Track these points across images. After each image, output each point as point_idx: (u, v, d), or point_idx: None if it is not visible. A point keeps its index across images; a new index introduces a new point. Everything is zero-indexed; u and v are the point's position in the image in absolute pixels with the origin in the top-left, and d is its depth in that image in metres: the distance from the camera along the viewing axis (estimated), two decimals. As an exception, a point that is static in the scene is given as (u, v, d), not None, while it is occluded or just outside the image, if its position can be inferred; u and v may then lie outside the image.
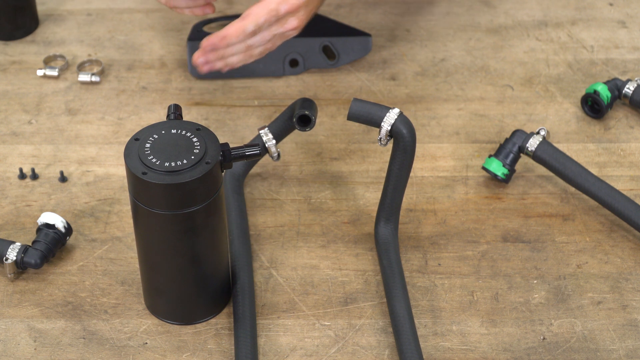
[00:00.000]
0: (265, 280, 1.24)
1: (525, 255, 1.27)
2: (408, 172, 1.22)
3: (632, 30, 1.57)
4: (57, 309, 1.21)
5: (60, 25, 1.58)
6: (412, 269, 1.25)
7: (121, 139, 1.41)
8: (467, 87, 1.48)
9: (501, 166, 1.32)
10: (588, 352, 1.17)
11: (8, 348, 1.17)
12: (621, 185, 1.34)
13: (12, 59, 1.53)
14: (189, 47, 1.47)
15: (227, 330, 1.19)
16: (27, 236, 1.28)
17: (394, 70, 1.50)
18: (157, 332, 1.19)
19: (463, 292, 1.23)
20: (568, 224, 1.30)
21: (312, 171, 1.37)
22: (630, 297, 1.22)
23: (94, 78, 1.48)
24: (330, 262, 1.26)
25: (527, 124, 1.42)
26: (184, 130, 1.12)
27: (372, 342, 1.18)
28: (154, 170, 1.08)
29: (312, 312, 1.21)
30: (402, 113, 1.18)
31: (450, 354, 1.17)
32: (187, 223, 1.11)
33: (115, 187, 1.34)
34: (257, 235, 1.29)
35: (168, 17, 1.59)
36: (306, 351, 1.17)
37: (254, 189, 1.34)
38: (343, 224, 1.30)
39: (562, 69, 1.51)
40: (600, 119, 1.43)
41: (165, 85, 1.48)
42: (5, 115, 1.44)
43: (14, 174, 1.36)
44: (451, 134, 1.41)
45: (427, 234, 1.29)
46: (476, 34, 1.57)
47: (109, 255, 1.27)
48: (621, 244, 1.28)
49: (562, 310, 1.21)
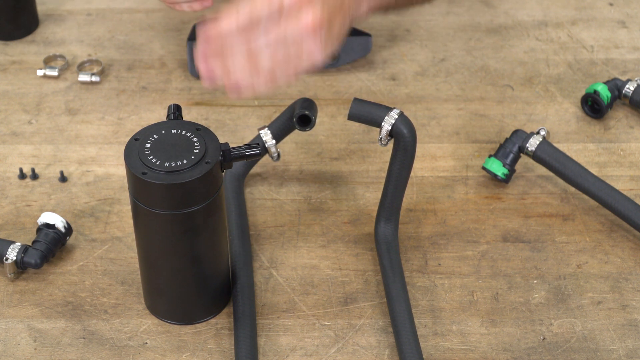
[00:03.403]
0: (265, 280, 1.24)
1: (525, 255, 1.27)
2: (408, 172, 1.22)
3: (632, 30, 1.57)
4: (57, 309, 1.21)
5: (60, 25, 1.58)
6: (412, 269, 1.25)
7: (121, 139, 1.41)
8: (467, 87, 1.48)
9: (501, 166, 1.32)
10: (588, 352, 1.17)
11: (8, 348, 1.17)
12: (621, 185, 1.34)
13: (12, 59, 1.53)
14: (189, 47, 1.47)
15: (227, 330, 1.19)
16: (27, 236, 1.28)
17: (394, 70, 1.50)
18: (157, 332, 1.19)
19: (463, 292, 1.23)
20: (568, 224, 1.30)
21: (312, 171, 1.37)
22: (630, 297, 1.22)
23: (94, 78, 1.48)
24: (330, 262, 1.26)
25: (527, 124, 1.42)
26: (184, 130, 1.12)
27: (372, 342, 1.18)
28: (154, 170, 1.08)
29: (312, 312, 1.21)
30: (402, 113, 1.18)
31: (450, 354, 1.17)
32: (187, 223, 1.11)
33: (115, 187, 1.34)
34: (257, 235, 1.29)
35: (168, 17, 1.59)
36: (306, 351, 1.17)
37: (254, 189, 1.34)
38: (343, 224, 1.30)
39: (562, 69, 1.51)
40: (600, 119, 1.43)
41: (165, 85, 1.48)
42: (5, 115, 1.44)
43: (14, 174, 1.36)
44: (451, 134, 1.41)
45: (427, 234, 1.29)
46: (476, 34, 1.57)
47: (109, 255, 1.27)
48: (621, 244, 1.28)
49: (562, 310, 1.21)
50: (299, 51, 1.03)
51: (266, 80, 1.04)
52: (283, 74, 1.04)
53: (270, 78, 1.04)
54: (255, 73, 1.04)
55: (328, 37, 1.04)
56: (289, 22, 1.01)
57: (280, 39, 1.02)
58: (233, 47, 1.03)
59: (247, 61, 1.03)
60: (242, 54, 1.03)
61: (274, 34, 1.01)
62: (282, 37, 1.02)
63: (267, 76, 1.04)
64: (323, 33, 1.03)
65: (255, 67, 1.03)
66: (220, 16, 1.01)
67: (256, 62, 1.03)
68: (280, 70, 1.04)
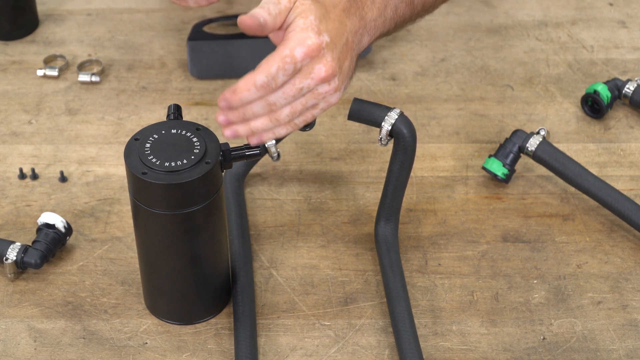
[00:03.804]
0: (265, 280, 1.24)
1: (525, 255, 1.27)
2: (408, 172, 1.22)
3: (632, 30, 1.57)
4: (57, 309, 1.21)
5: (60, 25, 1.58)
6: (412, 269, 1.25)
7: (121, 139, 1.41)
8: (467, 87, 1.48)
9: (501, 166, 1.32)
10: (588, 352, 1.17)
11: (8, 348, 1.17)
12: (621, 185, 1.34)
13: (12, 59, 1.53)
14: (189, 47, 1.47)
15: (227, 330, 1.19)
16: (27, 236, 1.28)
17: (394, 70, 1.50)
18: (157, 332, 1.19)
19: (463, 292, 1.23)
20: (568, 224, 1.30)
21: (312, 171, 1.37)
22: (630, 297, 1.22)
23: (94, 78, 1.48)
24: (330, 262, 1.26)
25: (527, 124, 1.42)
26: (184, 130, 1.12)
27: (372, 342, 1.18)
28: (154, 170, 1.08)
29: (312, 312, 1.21)
30: (402, 113, 1.18)
31: (450, 354, 1.17)
32: (187, 223, 1.11)
33: (115, 187, 1.34)
34: (257, 235, 1.29)
35: (168, 17, 1.60)
36: (306, 351, 1.17)
37: (254, 189, 1.34)
38: (343, 224, 1.30)
39: (562, 69, 1.51)
40: (600, 119, 1.43)
41: (165, 85, 1.48)
42: (5, 115, 1.44)
43: (14, 174, 1.36)
44: (451, 134, 1.41)
45: (427, 234, 1.29)
46: (476, 34, 1.57)
47: (109, 255, 1.27)
48: (621, 244, 1.28)
49: (562, 310, 1.21)
50: (317, 99, 1.08)
51: (286, 127, 1.10)
52: (302, 120, 1.10)
53: (290, 125, 1.10)
54: (276, 125, 1.09)
55: (340, 79, 1.09)
56: (304, 78, 1.07)
57: (297, 94, 1.07)
58: (254, 110, 1.08)
59: (268, 119, 1.09)
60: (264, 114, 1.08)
61: (291, 91, 1.07)
62: (299, 92, 1.07)
63: (287, 124, 1.09)
64: (336, 78, 1.08)
65: (276, 121, 1.09)
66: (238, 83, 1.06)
67: (276, 117, 1.08)
68: (300, 118, 1.10)
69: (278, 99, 1.07)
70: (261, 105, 1.07)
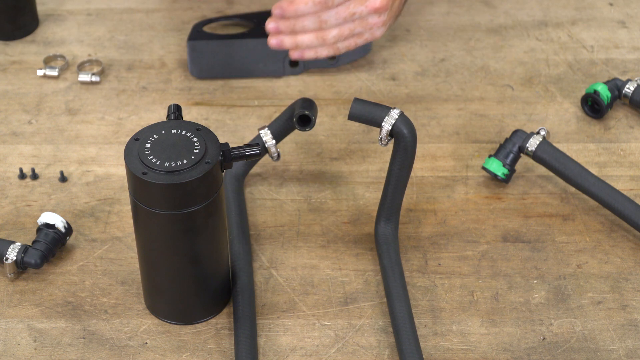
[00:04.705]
0: (265, 280, 1.24)
1: (525, 255, 1.27)
2: (408, 172, 1.22)
3: (632, 30, 1.57)
4: (57, 309, 1.21)
5: (60, 25, 1.58)
6: (412, 269, 1.25)
7: (121, 139, 1.41)
8: (467, 87, 1.48)
9: (501, 166, 1.32)
10: (588, 352, 1.17)
11: (8, 348, 1.17)
12: (621, 185, 1.34)
13: (12, 59, 1.53)
14: (189, 47, 1.47)
15: (227, 330, 1.19)
16: (27, 236, 1.28)
17: (394, 70, 1.50)
18: (157, 332, 1.19)
19: (463, 292, 1.23)
20: (568, 224, 1.30)
21: (312, 171, 1.37)
22: (630, 297, 1.22)
23: (94, 78, 1.48)
24: (330, 262, 1.26)
25: (527, 124, 1.42)
26: (184, 130, 1.12)
27: (372, 342, 1.18)
28: (154, 170, 1.08)
29: (312, 312, 1.21)
30: (402, 113, 1.18)
31: (450, 354, 1.17)
32: (187, 223, 1.11)
33: (115, 187, 1.34)
34: (257, 235, 1.29)
35: (168, 17, 1.60)
36: (306, 351, 1.17)
37: (254, 189, 1.34)
38: (343, 224, 1.30)
39: (562, 69, 1.51)
40: (600, 119, 1.43)
41: (165, 85, 1.48)
42: (5, 115, 1.44)
43: (14, 174, 1.36)
44: (451, 134, 1.41)
45: (427, 234, 1.29)
46: (476, 34, 1.57)
47: (109, 255, 1.27)
48: (621, 244, 1.28)
49: (562, 310, 1.21)
50: (364, 28, 1.15)
51: (329, 49, 1.18)
52: (345, 45, 1.17)
53: (333, 48, 1.16)
54: (321, 43, 1.16)
55: (389, 15, 1.16)
56: (358, 4, 1.13)
57: (349, 18, 1.13)
58: (305, 24, 1.14)
59: (315, 36, 1.16)
60: (313, 30, 1.14)
61: (344, 13, 1.12)
62: (351, 17, 1.12)
63: (331, 46, 1.16)
64: (386, 13, 1.15)
65: (322, 40, 1.16)
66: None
67: (324, 36, 1.15)
68: (344, 43, 1.16)
69: (330, 18, 1.13)
70: (312, 21, 1.13)
